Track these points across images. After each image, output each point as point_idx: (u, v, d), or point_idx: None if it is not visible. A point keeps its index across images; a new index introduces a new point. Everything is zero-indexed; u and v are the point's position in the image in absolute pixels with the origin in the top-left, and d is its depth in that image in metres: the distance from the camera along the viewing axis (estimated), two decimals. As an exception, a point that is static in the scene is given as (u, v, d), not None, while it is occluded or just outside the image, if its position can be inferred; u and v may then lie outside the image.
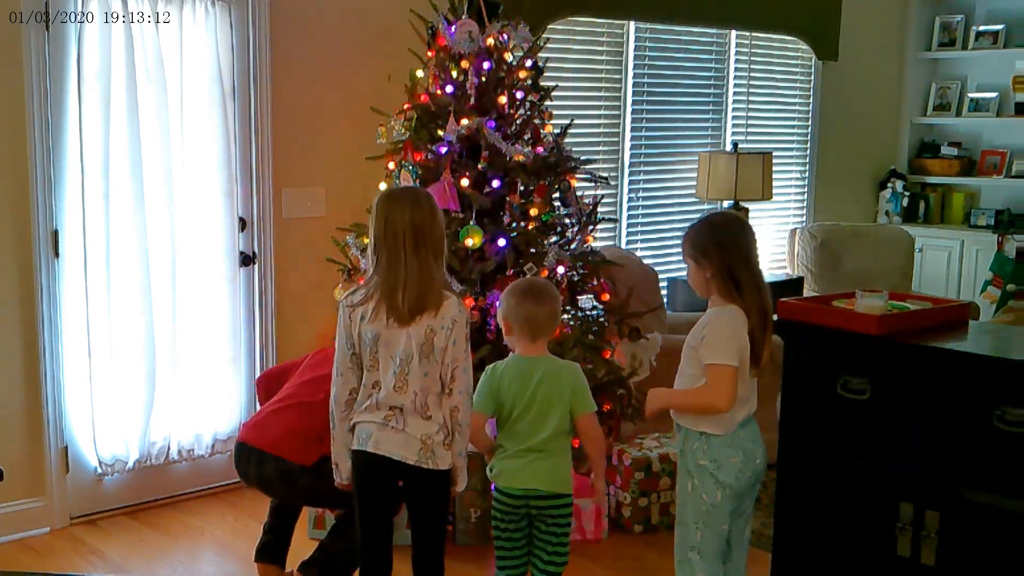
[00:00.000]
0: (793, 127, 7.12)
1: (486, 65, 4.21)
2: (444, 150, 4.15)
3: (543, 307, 3.02)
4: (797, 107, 7.11)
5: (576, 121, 5.25)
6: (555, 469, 3.01)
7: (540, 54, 4.53)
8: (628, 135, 6.05)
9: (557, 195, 4.37)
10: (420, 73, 4.34)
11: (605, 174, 5.34)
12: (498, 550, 3.09)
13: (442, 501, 2.99)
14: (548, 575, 3.07)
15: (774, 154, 6.50)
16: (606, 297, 4.40)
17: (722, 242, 2.87)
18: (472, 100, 4.18)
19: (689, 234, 2.97)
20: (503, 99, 4.25)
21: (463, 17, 4.23)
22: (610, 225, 5.96)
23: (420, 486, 2.92)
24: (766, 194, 6.24)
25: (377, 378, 2.88)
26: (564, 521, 3.06)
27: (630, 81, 6.01)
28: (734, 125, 6.67)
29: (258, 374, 4.68)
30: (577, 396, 3.01)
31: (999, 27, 7.41)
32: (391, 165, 4.30)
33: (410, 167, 4.16)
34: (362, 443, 2.90)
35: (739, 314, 2.85)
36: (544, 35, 5.12)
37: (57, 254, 4.10)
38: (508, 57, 4.32)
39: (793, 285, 6.47)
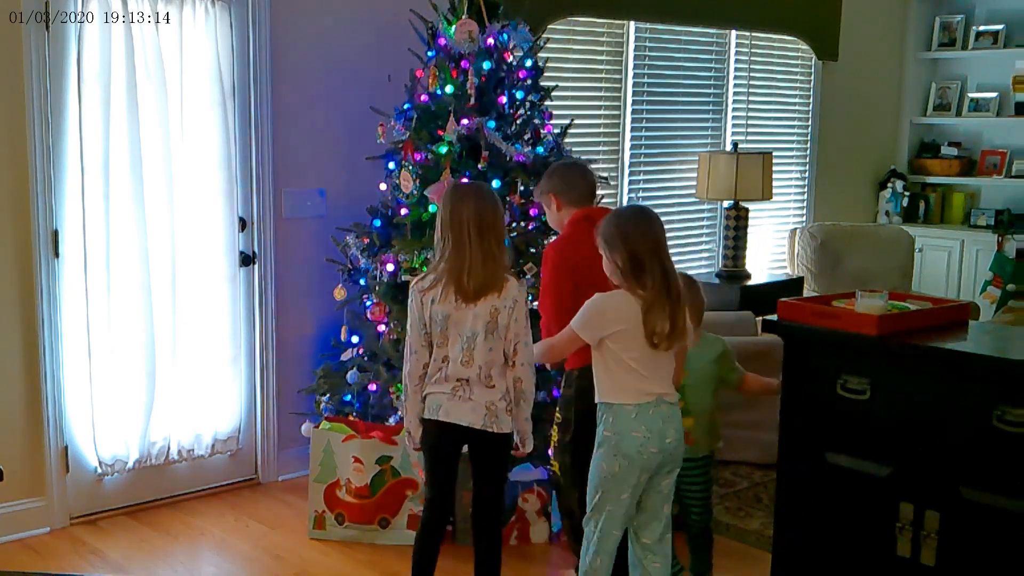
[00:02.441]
0: (793, 127, 7.12)
1: (486, 65, 4.21)
2: (444, 150, 4.15)
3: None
4: (797, 107, 7.12)
5: (576, 121, 5.25)
6: None
7: (540, 54, 4.54)
8: (628, 135, 6.05)
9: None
10: (420, 73, 4.34)
11: (605, 174, 5.34)
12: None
13: (503, 459, 3.28)
14: None
15: (774, 154, 6.50)
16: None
17: (626, 231, 3.04)
18: (472, 100, 4.18)
19: (599, 226, 3.14)
20: (503, 99, 4.25)
21: (463, 17, 4.23)
22: (610, 225, 5.95)
23: (485, 447, 3.21)
24: (766, 194, 6.24)
25: (447, 353, 3.15)
26: None
27: (630, 81, 6.01)
28: (734, 125, 6.67)
29: (258, 374, 4.69)
30: None
31: (999, 27, 7.42)
32: (391, 165, 4.30)
33: (410, 167, 4.17)
34: (432, 412, 3.18)
35: (621, 297, 3.04)
36: (544, 35, 5.12)
37: (57, 254, 4.10)
38: (508, 57, 4.32)
39: (793, 285, 6.47)
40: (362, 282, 4.38)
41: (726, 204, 6.30)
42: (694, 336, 3.23)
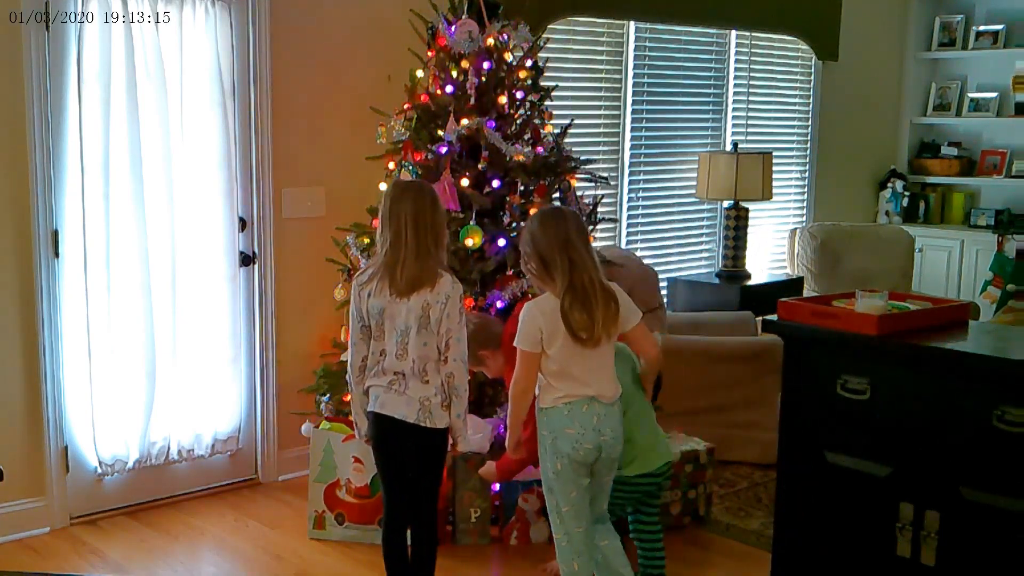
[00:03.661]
0: (793, 127, 7.13)
1: (486, 65, 4.21)
2: (444, 150, 4.15)
3: None
4: (797, 107, 7.12)
5: (576, 121, 5.25)
6: None
7: (540, 54, 4.53)
8: (628, 135, 6.05)
9: (557, 195, 4.37)
10: (420, 73, 4.34)
11: (605, 174, 5.34)
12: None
13: (437, 456, 3.26)
14: None
15: (774, 154, 6.50)
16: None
17: (534, 232, 3.18)
18: (472, 100, 4.18)
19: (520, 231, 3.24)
20: (503, 99, 4.25)
21: (463, 17, 4.23)
22: (610, 225, 5.96)
23: (418, 442, 3.20)
24: (766, 194, 6.24)
25: (383, 347, 3.18)
26: None
27: (630, 81, 6.01)
28: (734, 125, 6.67)
29: (258, 374, 4.69)
30: None
31: (999, 27, 7.42)
32: (391, 165, 4.30)
33: (410, 167, 4.17)
34: (372, 404, 3.22)
35: (545, 300, 3.15)
36: (544, 35, 5.12)
37: (57, 254, 4.10)
38: (508, 57, 4.32)
39: (793, 285, 6.48)
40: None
41: (726, 204, 6.30)
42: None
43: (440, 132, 4.17)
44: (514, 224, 4.17)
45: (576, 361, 3.12)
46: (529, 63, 4.36)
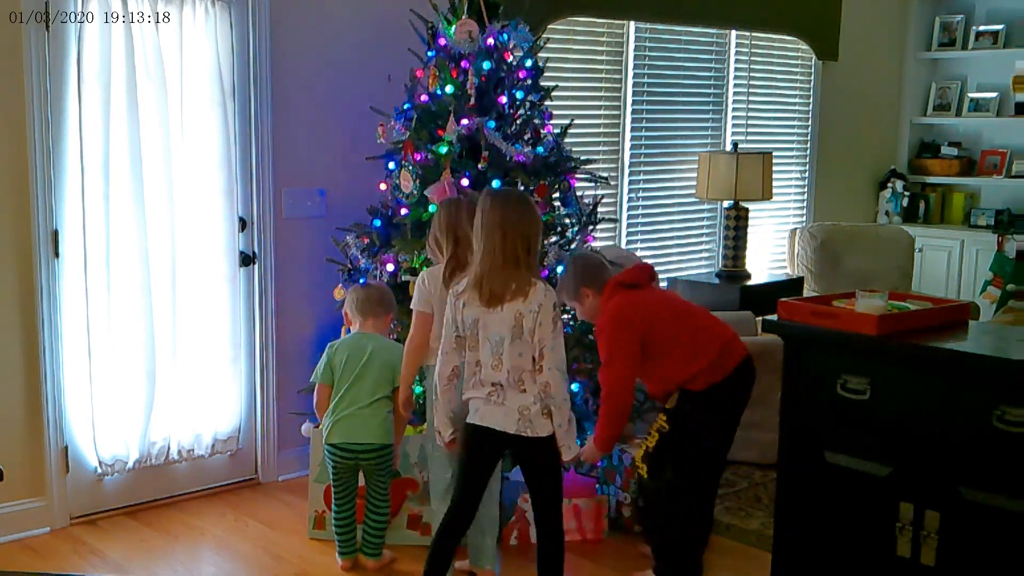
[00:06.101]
0: (793, 127, 7.12)
1: (486, 65, 4.21)
2: (444, 150, 4.15)
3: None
4: (797, 107, 7.12)
5: (576, 121, 5.25)
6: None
7: (540, 54, 4.53)
8: (628, 135, 6.05)
9: (557, 195, 4.37)
10: (420, 73, 4.34)
11: (605, 174, 5.34)
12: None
13: (550, 463, 3.27)
14: None
15: (774, 154, 6.50)
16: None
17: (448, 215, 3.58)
18: (472, 100, 4.18)
19: None
20: (503, 99, 4.25)
21: (463, 17, 4.23)
22: (610, 225, 5.96)
23: (524, 452, 3.27)
24: (766, 194, 6.24)
25: (479, 357, 3.21)
26: None
27: (630, 81, 6.01)
28: (734, 125, 6.67)
29: (258, 374, 4.69)
30: None
31: (999, 27, 7.42)
32: (391, 165, 4.30)
33: (410, 167, 4.17)
34: (472, 416, 3.25)
35: (434, 269, 3.58)
36: (544, 35, 5.12)
37: (57, 254, 4.10)
38: (508, 57, 4.32)
39: (793, 285, 6.47)
40: (362, 282, 4.38)
41: (726, 204, 6.30)
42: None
43: (440, 132, 4.17)
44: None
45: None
46: (529, 63, 4.36)
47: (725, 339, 3.65)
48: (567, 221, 4.38)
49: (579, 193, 4.44)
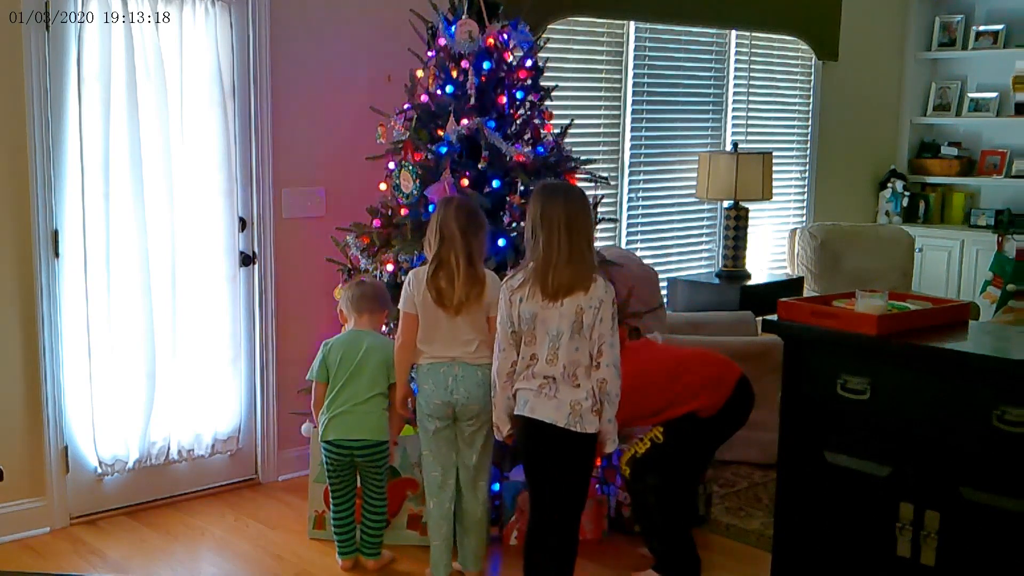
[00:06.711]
0: (793, 127, 7.12)
1: (486, 65, 4.21)
2: (444, 150, 4.15)
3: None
4: (797, 107, 7.12)
5: (576, 121, 5.25)
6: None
7: (540, 54, 4.53)
8: (628, 135, 6.05)
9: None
10: (420, 73, 4.34)
11: (605, 174, 5.34)
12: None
13: (583, 462, 3.26)
14: None
15: (774, 154, 6.50)
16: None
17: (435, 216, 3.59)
18: (472, 100, 4.18)
19: None
20: (503, 99, 4.25)
21: (463, 17, 4.23)
22: (610, 225, 5.96)
23: (566, 447, 3.20)
24: (766, 194, 6.24)
25: (534, 351, 3.21)
26: None
27: (630, 81, 6.01)
28: (734, 125, 6.67)
29: (258, 374, 4.69)
30: None
31: (999, 27, 7.42)
32: (391, 165, 4.30)
33: (410, 167, 4.17)
34: (521, 408, 3.23)
35: (419, 270, 3.60)
36: (544, 35, 5.12)
37: (57, 254, 4.10)
38: (508, 57, 4.32)
39: (793, 285, 6.47)
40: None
41: (726, 204, 6.30)
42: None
43: (440, 132, 4.17)
44: (514, 224, 4.17)
45: (431, 326, 3.61)
46: (529, 63, 4.36)
47: (714, 376, 3.73)
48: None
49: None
